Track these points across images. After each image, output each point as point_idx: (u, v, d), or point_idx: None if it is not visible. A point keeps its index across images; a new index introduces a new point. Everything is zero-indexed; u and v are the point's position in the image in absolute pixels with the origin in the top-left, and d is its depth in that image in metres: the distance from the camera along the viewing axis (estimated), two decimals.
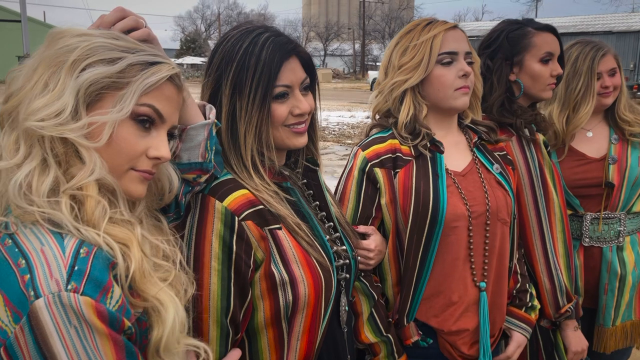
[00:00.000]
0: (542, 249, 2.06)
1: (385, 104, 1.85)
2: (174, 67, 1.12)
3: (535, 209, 2.06)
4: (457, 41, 1.77)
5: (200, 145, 1.32)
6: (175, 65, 1.13)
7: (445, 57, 1.76)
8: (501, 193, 1.82)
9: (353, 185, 1.81)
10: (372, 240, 1.77)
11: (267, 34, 1.44)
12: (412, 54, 1.76)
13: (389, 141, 1.81)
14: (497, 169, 1.86)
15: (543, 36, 2.13)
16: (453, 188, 1.76)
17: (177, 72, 1.12)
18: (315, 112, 1.61)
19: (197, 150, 1.32)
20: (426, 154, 1.77)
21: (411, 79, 1.77)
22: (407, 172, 1.77)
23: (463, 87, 1.77)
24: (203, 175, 1.34)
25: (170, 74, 1.10)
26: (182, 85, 1.15)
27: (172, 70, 1.11)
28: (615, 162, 2.42)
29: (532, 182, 2.05)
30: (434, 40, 1.74)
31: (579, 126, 2.43)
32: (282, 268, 1.38)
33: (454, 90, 1.77)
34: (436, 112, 1.84)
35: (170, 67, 1.11)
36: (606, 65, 2.41)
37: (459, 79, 1.77)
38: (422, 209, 1.71)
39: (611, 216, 2.43)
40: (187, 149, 1.32)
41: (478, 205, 1.77)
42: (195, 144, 1.32)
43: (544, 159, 2.09)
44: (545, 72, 2.13)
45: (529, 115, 2.12)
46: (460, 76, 1.76)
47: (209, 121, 1.34)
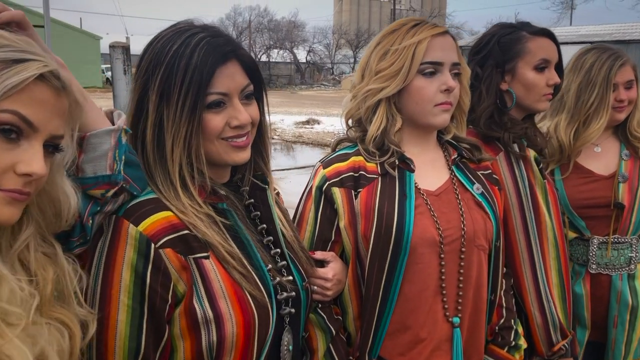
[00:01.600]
0: (533, 278, 1.82)
1: (358, 112, 1.65)
2: (47, 64, 0.93)
3: (525, 233, 1.82)
4: (444, 50, 1.56)
5: (106, 155, 1.14)
6: (51, 63, 0.95)
7: (428, 67, 1.55)
8: (480, 216, 1.60)
9: (311, 205, 1.61)
10: (330, 268, 1.57)
11: (203, 34, 1.27)
12: (392, 60, 1.56)
13: (352, 159, 1.61)
14: (477, 189, 1.64)
15: (538, 41, 1.91)
16: (423, 209, 1.55)
17: (51, 69, 0.93)
18: (263, 123, 1.43)
19: (103, 161, 1.14)
20: (393, 174, 1.57)
21: (387, 88, 1.57)
22: (370, 192, 1.56)
23: (444, 103, 1.57)
24: (112, 189, 1.16)
25: (41, 72, 0.92)
26: (63, 85, 0.96)
27: (43, 69, 0.92)
28: (626, 181, 2.17)
29: (521, 203, 1.82)
30: (418, 46, 1.54)
31: (589, 142, 2.19)
32: (207, 303, 1.20)
33: (433, 105, 1.57)
34: (412, 127, 1.64)
35: (42, 64, 0.92)
36: (624, 77, 2.17)
37: (440, 94, 1.56)
38: (384, 233, 1.51)
39: (621, 240, 2.17)
40: (91, 160, 1.14)
41: (452, 229, 1.55)
42: (99, 153, 1.14)
43: (536, 178, 1.86)
44: (541, 81, 1.90)
45: (518, 129, 1.89)
46: (443, 90, 1.56)
47: (114, 127, 1.16)
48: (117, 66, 7.99)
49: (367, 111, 1.62)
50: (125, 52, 8.07)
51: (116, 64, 7.97)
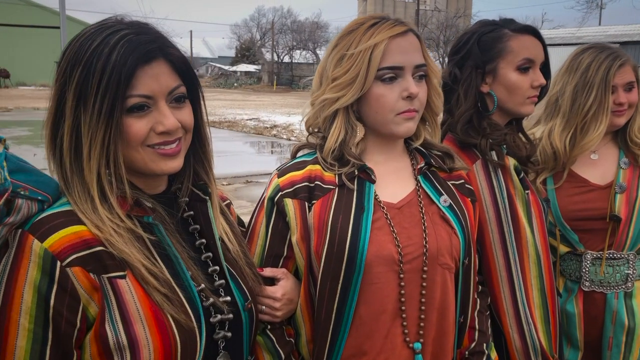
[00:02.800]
0: (511, 298, 1.67)
1: (316, 121, 1.52)
2: None
3: (503, 249, 1.67)
4: (404, 52, 1.42)
5: None
6: None
7: (386, 72, 1.41)
8: (445, 231, 1.45)
9: (263, 218, 1.49)
10: (280, 286, 1.44)
11: (126, 31, 1.16)
12: (347, 66, 1.43)
13: (308, 167, 1.48)
14: (444, 201, 1.50)
15: (521, 39, 1.75)
16: (382, 224, 1.41)
17: None
18: (203, 128, 1.31)
19: None
20: (351, 186, 1.44)
21: (343, 98, 1.43)
22: (324, 204, 1.43)
23: (407, 111, 1.43)
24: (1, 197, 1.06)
25: None
26: None
27: None
28: (624, 191, 2.00)
29: (499, 216, 1.67)
30: (374, 50, 1.40)
31: (587, 150, 2.03)
32: (121, 328, 1.09)
33: (395, 114, 1.43)
34: (376, 135, 1.50)
35: None
36: (623, 78, 2.00)
37: (402, 101, 1.42)
38: (337, 249, 1.38)
39: (616, 256, 2.00)
40: None
41: (413, 246, 1.41)
42: None
43: (516, 188, 1.70)
44: (524, 83, 1.75)
45: (497, 135, 1.73)
46: (405, 97, 1.42)
47: None
48: None
49: (324, 121, 1.49)
50: None
51: None
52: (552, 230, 2.06)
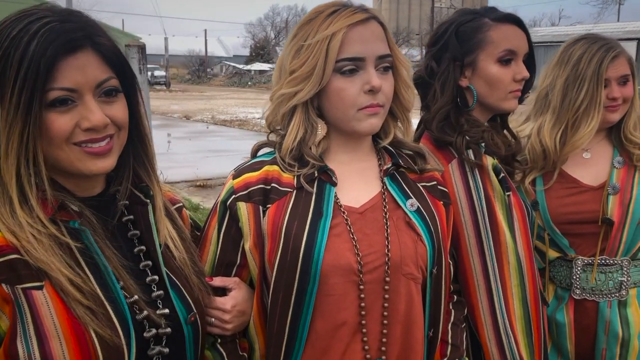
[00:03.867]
0: (489, 308, 1.55)
1: (275, 118, 1.41)
2: None
3: (480, 256, 1.55)
4: (365, 42, 1.30)
5: None
6: None
7: (346, 64, 1.30)
8: (410, 239, 1.34)
9: (215, 222, 1.38)
10: (231, 297, 1.34)
11: (49, 18, 1.06)
12: (304, 58, 1.32)
13: (265, 168, 1.38)
14: (411, 205, 1.38)
15: (502, 29, 1.63)
16: (341, 230, 1.30)
17: None
18: (141, 125, 1.22)
19: None
20: (309, 189, 1.33)
21: (300, 93, 1.32)
22: (279, 208, 1.32)
23: (370, 106, 1.31)
24: None
25: None
26: None
27: None
28: (617, 193, 1.86)
29: (476, 221, 1.55)
30: (332, 40, 1.28)
31: (579, 147, 1.90)
32: (35, 344, 1.00)
33: (356, 110, 1.32)
34: (339, 132, 1.39)
35: None
36: (617, 71, 1.86)
37: (364, 95, 1.31)
38: (290, 257, 1.27)
39: (609, 262, 1.87)
40: None
41: (374, 255, 1.30)
42: None
43: (494, 190, 1.58)
44: (505, 76, 1.62)
45: (474, 132, 1.61)
46: (367, 91, 1.30)
47: None
48: (133, 65, 7.87)
49: (283, 118, 1.38)
50: (141, 52, 8.01)
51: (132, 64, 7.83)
52: (541, 234, 1.93)
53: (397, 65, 1.39)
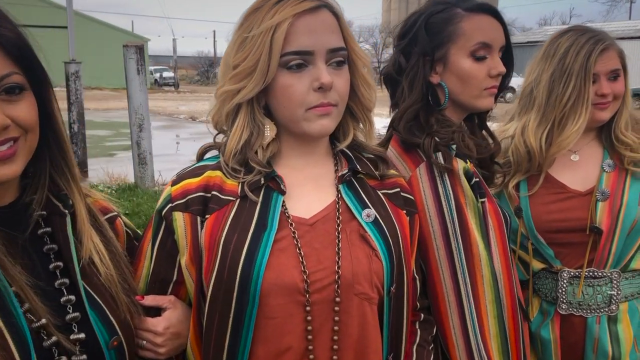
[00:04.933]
0: (461, 326, 1.40)
1: (221, 118, 1.28)
2: None
3: (451, 269, 1.41)
4: (314, 33, 1.17)
5: None
6: None
7: (292, 58, 1.16)
8: (363, 254, 1.20)
9: (150, 234, 1.26)
10: (164, 318, 1.21)
11: None
12: (247, 51, 1.18)
13: (207, 174, 1.25)
14: (368, 216, 1.24)
15: (476, 20, 1.48)
16: (286, 244, 1.17)
17: None
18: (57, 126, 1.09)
19: None
20: (253, 198, 1.19)
21: (243, 90, 1.19)
22: (218, 219, 1.19)
23: (320, 105, 1.18)
24: None
25: None
26: None
27: None
28: (606, 199, 1.71)
29: (445, 231, 1.41)
30: (276, 31, 1.15)
31: (565, 148, 1.75)
32: None
33: (305, 109, 1.19)
34: (290, 134, 1.26)
35: None
36: (606, 65, 1.71)
37: (314, 93, 1.18)
38: (227, 275, 1.14)
39: (597, 275, 1.72)
40: None
41: (322, 272, 1.17)
42: None
43: (466, 196, 1.43)
44: (479, 71, 1.48)
45: (444, 133, 1.47)
46: (316, 89, 1.17)
47: None
48: (131, 66, 7.82)
49: (227, 118, 1.25)
50: (139, 52, 7.90)
51: (129, 64, 7.80)
52: (525, 243, 1.79)
53: (354, 59, 1.26)
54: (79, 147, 10.01)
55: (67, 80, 9.85)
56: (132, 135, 8.04)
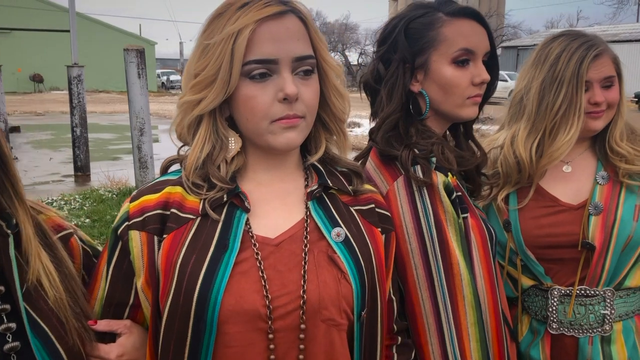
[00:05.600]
0: (441, 352, 1.32)
1: (184, 130, 1.21)
2: None
3: (430, 290, 1.33)
4: (278, 40, 1.09)
5: None
6: None
7: (255, 67, 1.09)
8: (331, 276, 1.12)
9: (107, 253, 1.18)
10: (118, 344, 1.14)
11: None
12: (208, 59, 1.11)
13: (167, 189, 1.17)
14: (337, 235, 1.16)
15: (457, 25, 1.41)
16: (248, 267, 1.09)
17: None
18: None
19: None
20: (214, 217, 1.12)
21: (204, 101, 1.12)
22: (176, 239, 1.12)
23: (285, 117, 1.11)
24: None
25: None
26: None
27: None
28: (600, 213, 1.62)
29: (424, 249, 1.33)
30: (238, 38, 1.08)
31: (557, 159, 1.66)
32: None
33: (269, 122, 1.11)
34: (256, 148, 1.19)
35: None
36: (599, 72, 1.63)
37: (279, 105, 1.10)
38: (183, 301, 1.06)
39: (590, 293, 1.63)
40: None
41: (286, 297, 1.09)
42: None
43: (446, 212, 1.35)
44: (462, 79, 1.40)
45: (422, 145, 1.39)
46: (281, 100, 1.10)
47: None
48: (131, 70, 7.78)
49: (189, 130, 1.18)
50: (140, 56, 7.87)
51: (130, 68, 7.76)
52: (513, 259, 1.70)
53: (324, 68, 1.19)
54: (81, 151, 10.01)
55: (70, 83, 9.85)
56: (132, 139, 8.00)
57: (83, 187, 8.90)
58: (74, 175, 9.95)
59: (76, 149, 10.00)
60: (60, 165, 11.12)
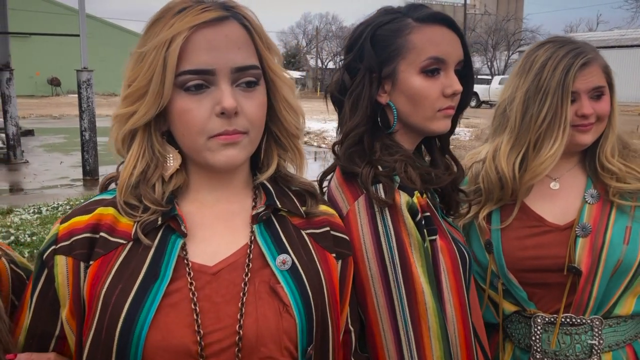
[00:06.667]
0: None
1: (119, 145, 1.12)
2: None
3: (391, 320, 1.22)
4: (215, 49, 1.00)
5: None
6: None
7: (189, 78, 1.00)
8: (271, 309, 1.02)
9: (32, 280, 1.09)
10: None
11: None
12: (141, 69, 1.02)
13: (99, 210, 1.08)
14: (282, 263, 1.06)
15: (427, 32, 1.30)
16: (180, 298, 0.99)
17: None
18: None
19: None
20: (146, 242, 1.03)
21: (136, 114, 1.03)
22: (103, 267, 1.02)
23: (224, 133, 1.01)
24: None
25: None
26: None
27: None
28: (588, 235, 1.50)
29: (385, 275, 1.22)
30: (171, 45, 0.99)
31: (540, 175, 1.54)
32: None
33: (207, 138, 1.02)
34: (198, 166, 1.10)
35: None
36: (587, 82, 1.50)
37: (216, 119, 1.01)
38: (105, 335, 0.97)
39: (576, 321, 1.51)
40: None
41: (221, 332, 0.99)
42: None
43: (410, 235, 1.24)
44: (431, 90, 1.29)
45: (386, 162, 1.28)
46: (219, 114, 1.00)
47: None
48: None
49: (123, 145, 1.09)
50: None
51: None
52: (495, 282, 1.58)
53: (272, 79, 1.09)
54: (90, 155, 10.01)
55: (79, 88, 9.87)
56: None
57: (91, 192, 8.88)
58: (83, 180, 9.95)
59: (85, 153, 10.00)
60: (70, 169, 11.13)
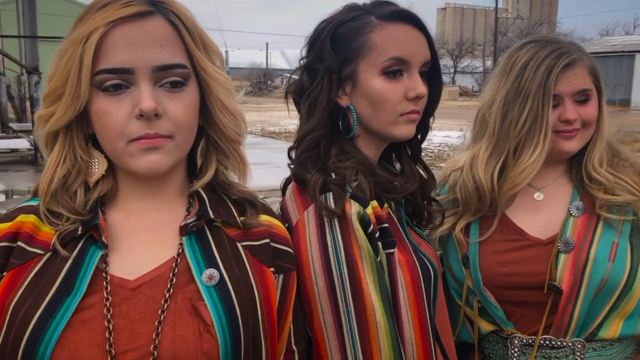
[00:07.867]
0: None
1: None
2: None
3: (339, 339, 1.12)
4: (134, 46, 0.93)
5: None
6: None
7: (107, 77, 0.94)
8: (190, 329, 0.93)
9: None
10: None
11: None
12: (58, 67, 0.96)
13: (20, 217, 1.02)
14: (209, 278, 0.98)
15: (389, 30, 1.20)
16: (93, 314, 0.92)
17: None
18: None
19: None
20: (64, 253, 0.96)
21: (55, 115, 0.97)
22: (16, 278, 0.96)
23: (144, 137, 0.95)
24: None
25: None
26: None
27: None
28: (570, 251, 1.38)
29: (333, 291, 1.12)
30: (87, 43, 0.93)
31: (520, 185, 1.43)
32: None
33: (126, 142, 0.95)
34: (125, 171, 1.03)
35: None
36: (571, 84, 1.39)
37: (135, 122, 0.94)
38: (10, 353, 0.90)
39: (556, 344, 1.38)
40: None
41: (135, 352, 0.91)
42: None
43: (361, 248, 1.14)
44: (393, 93, 1.20)
45: (340, 168, 1.19)
46: (138, 116, 0.94)
47: None
48: None
49: (46, 147, 1.03)
50: None
51: None
52: (471, 300, 1.47)
53: (205, 80, 1.01)
54: None
55: None
56: None
57: None
58: None
59: None
60: None
